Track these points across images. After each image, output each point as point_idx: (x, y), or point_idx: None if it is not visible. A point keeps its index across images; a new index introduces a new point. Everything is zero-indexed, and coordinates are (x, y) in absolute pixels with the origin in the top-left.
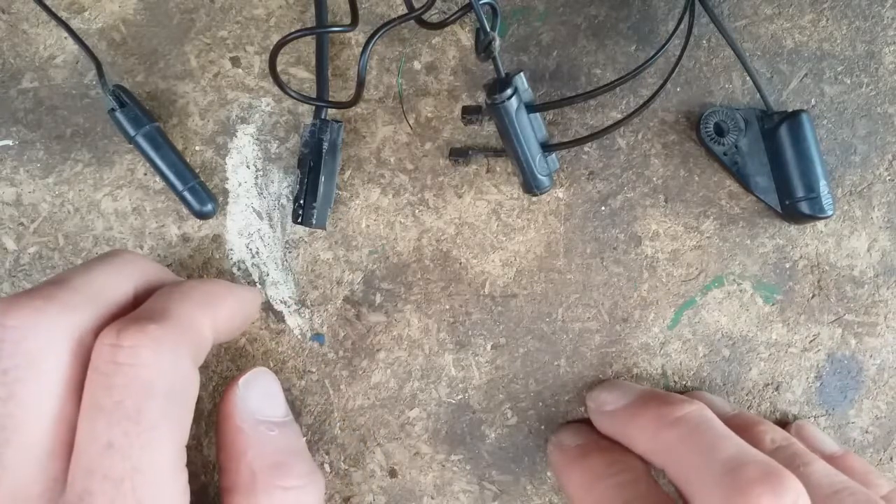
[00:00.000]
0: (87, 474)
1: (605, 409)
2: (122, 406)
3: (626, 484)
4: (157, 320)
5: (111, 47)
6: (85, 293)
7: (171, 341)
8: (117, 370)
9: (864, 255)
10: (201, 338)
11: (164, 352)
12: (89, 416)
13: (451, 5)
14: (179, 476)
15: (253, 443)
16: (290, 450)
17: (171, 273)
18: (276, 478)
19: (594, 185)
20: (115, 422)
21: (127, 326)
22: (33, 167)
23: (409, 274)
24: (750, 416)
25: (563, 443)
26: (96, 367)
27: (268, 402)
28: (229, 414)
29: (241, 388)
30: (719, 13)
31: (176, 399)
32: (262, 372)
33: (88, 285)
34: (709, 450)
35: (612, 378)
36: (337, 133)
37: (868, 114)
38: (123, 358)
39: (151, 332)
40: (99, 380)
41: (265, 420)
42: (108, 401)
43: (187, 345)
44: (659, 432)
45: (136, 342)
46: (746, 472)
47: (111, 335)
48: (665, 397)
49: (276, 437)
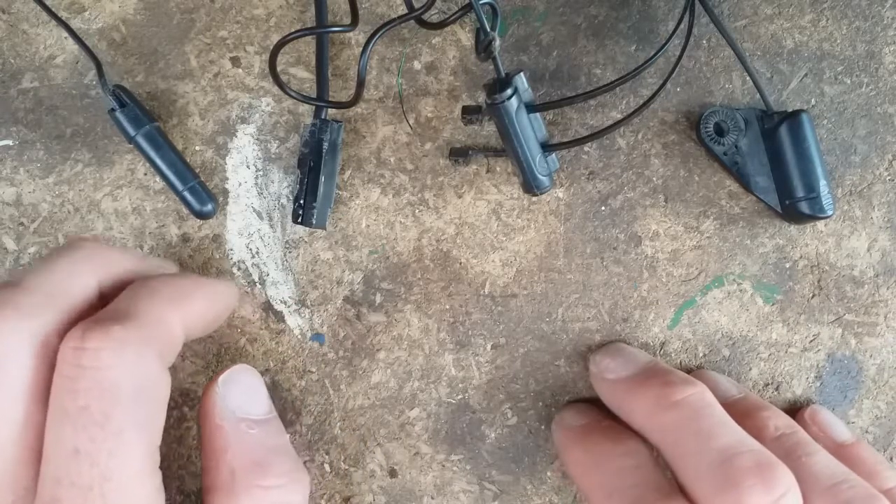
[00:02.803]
0: (55, 482)
1: (606, 377)
2: (88, 411)
3: (630, 467)
4: (121, 320)
5: (111, 47)
6: (44, 294)
7: (136, 342)
8: (81, 374)
9: (864, 255)
10: (171, 336)
11: (129, 353)
12: (55, 421)
13: (451, 5)
14: (150, 479)
15: (232, 441)
16: (271, 448)
17: (141, 257)
18: (256, 477)
19: (594, 185)
20: (81, 427)
21: (91, 328)
22: (33, 167)
23: (409, 274)
24: (755, 400)
25: (567, 423)
26: (61, 372)
27: (248, 399)
28: (209, 412)
29: (220, 385)
30: (719, 13)
31: (143, 401)
32: (242, 369)
33: (48, 285)
34: (705, 436)
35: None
36: (337, 133)
37: (868, 114)
38: (87, 361)
39: (115, 333)
40: (64, 384)
41: (245, 418)
42: (73, 405)
43: (154, 344)
44: (658, 412)
45: (99, 344)
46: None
47: (75, 338)
48: (668, 375)
49: (257, 435)
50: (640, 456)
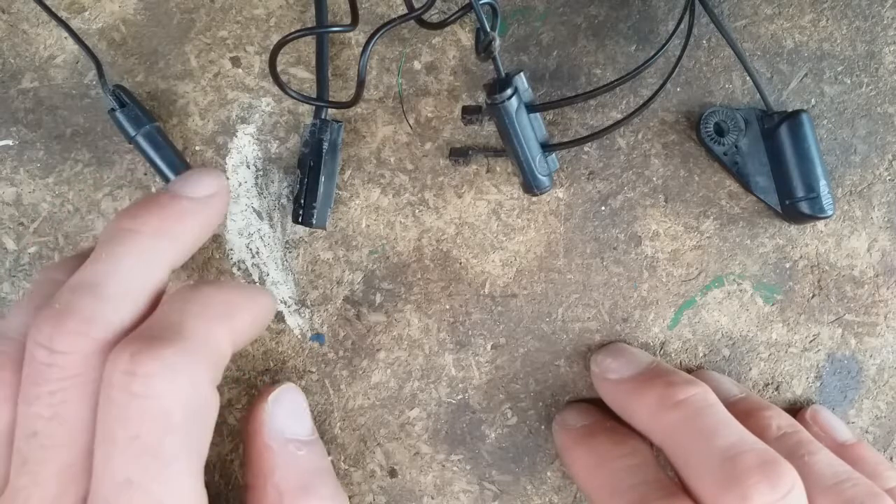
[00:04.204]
0: None
1: (608, 377)
2: (140, 440)
3: (632, 467)
4: (172, 342)
5: (111, 47)
6: (125, 301)
7: (188, 367)
8: (132, 401)
9: (864, 255)
10: (220, 356)
11: (182, 380)
12: (105, 447)
13: (451, 5)
14: (199, 500)
15: (280, 462)
16: (317, 470)
17: (203, 222)
18: (303, 499)
19: (594, 185)
20: (133, 457)
21: (141, 352)
22: (33, 167)
23: (409, 274)
24: (757, 400)
25: (569, 423)
26: (109, 396)
27: (295, 419)
28: (257, 431)
29: (270, 404)
30: (719, 13)
31: (195, 426)
32: (290, 388)
33: (128, 292)
34: (709, 436)
35: (619, 343)
36: (337, 133)
37: (868, 114)
38: (138, 388)
39: (167, 358)
40: (112, 410)
41: (293, 439)
42: (124, 434)
43: (206, 367)
44: (660, 413)
45: (150, 370)
46: (743, 460)
47: (124, 360)
48: (670, 376)
49: (304, 458)
50: (642, 455)
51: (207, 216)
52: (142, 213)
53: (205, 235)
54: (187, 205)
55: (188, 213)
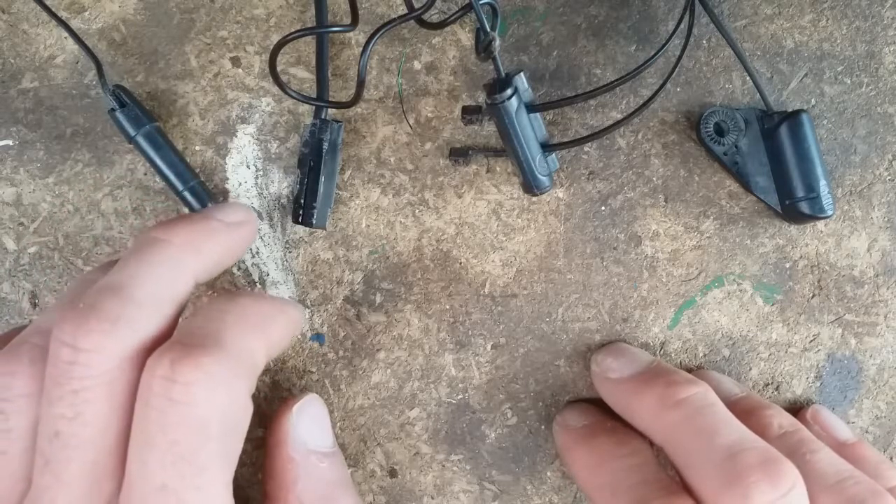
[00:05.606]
0: None
1: (609, 377)
2: (177, 447)
3: (633, 467)
4: (211, 351)
5: (111, 47)
6: (153, 305)
7: (227, 376)
8: (171, 407)
9: (864, 255)
10: (255, 366)
11: (220, 389)
12: (141, 450)
13: (451, 5)
14: None
15: (303, 474)
16: (338, 482)
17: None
18: None
19: (594, 185)
20: (170, 463)
21: (180, 359)
22: (33, 167)
23: (409, 274)
24: (757, 399)
25: (569, 423)
26: (147, 401)
27: (318, 430)
28: (281, 441)
29: (294, 415)
30: (719, 13)
31: (230, 435)
32: (313, 399)
33: (155, 293)
34: (709, 434)
35: (619, 343)
36: (337, 133)
37: (868, 114)
38: (177, 395)
39: (206, 366)
40: (151, 415)
41: (316, 450)
42: (163, 439)
43: (243, 376)
44: (661, 412)
45: (190, 378)
46: (744, 458)
47: (164, 367)
48: (670, 375)
49: (325, 469)
50: (643, 455)
51: (234, 239)
52: (172, 226)
53: (229, 258)
54: (216, 225)
55: (217, 231)
